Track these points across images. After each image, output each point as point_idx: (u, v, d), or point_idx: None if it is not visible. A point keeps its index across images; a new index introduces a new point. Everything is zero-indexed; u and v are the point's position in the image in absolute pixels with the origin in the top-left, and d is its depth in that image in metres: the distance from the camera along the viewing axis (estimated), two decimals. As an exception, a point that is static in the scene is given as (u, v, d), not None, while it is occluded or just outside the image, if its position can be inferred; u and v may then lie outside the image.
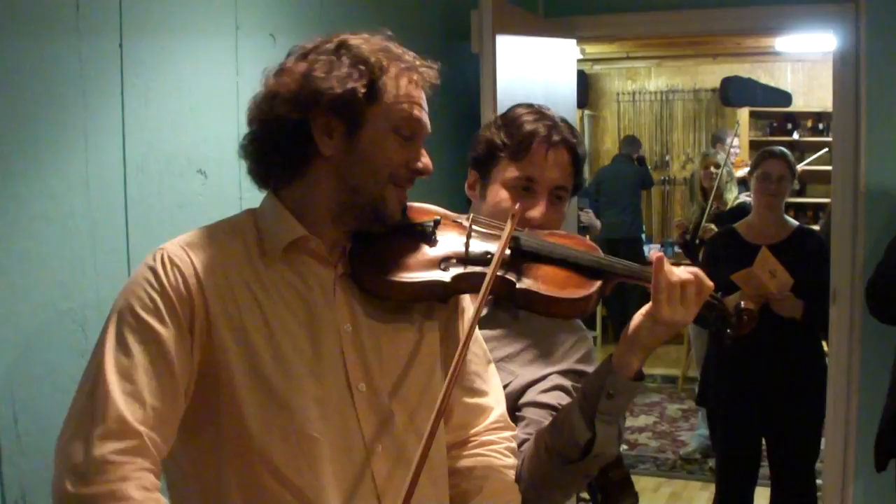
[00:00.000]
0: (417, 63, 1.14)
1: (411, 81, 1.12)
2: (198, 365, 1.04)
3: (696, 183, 4.48)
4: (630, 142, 7.16)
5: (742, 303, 1.25)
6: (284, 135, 1.09)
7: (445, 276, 1.15)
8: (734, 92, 6.86)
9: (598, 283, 1.20)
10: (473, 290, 1.18)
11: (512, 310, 1.44)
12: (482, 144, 1.48)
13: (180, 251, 1.07)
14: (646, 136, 7.97)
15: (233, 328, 1.05)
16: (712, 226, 4.00)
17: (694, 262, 3.85)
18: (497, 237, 1.21)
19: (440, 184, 1.30)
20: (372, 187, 1.11)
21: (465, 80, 3.00)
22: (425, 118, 1.15)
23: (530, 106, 1.50)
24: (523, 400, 1.38)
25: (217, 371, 1.05)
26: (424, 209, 1.25)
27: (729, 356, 2.91)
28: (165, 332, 1.02)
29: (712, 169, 4.37)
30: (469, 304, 1.27)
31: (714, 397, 3.07)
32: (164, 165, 1.70)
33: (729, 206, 4.21)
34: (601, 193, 6.68)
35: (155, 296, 1.03)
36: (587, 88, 7.62)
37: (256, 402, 1.04)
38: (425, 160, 1.15)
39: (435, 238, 1.19)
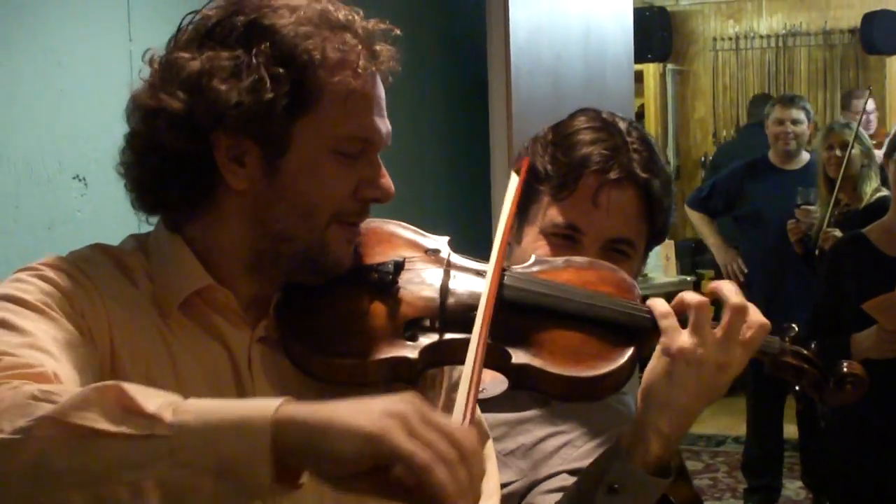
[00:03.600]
0: (367, 30, 1.07)
1: (359, 73, 1.05)
2: None
3: (819, 167, 4.37)
4: (762, 103, 6.45)
5: (846, 364, 1.19)
6: (174, 164, 1.05)
7: (412, 349, 1.10)
8: (882, 33, 6.68)
9: (631, 349, 1.14)
10: (453, 363, 1.14)
11: None
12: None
13: (65, 263, 1.04)
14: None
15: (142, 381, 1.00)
16: (836, 231, 3.92)
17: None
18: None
19: (432, 202, 1.26)
20: (306, 234, 1.07)
21: (471, 29, 2.97)
22: (382, 123, 1.09)
23: (596, 114, 1.44)
24: None
25: None
26: (383, 233, 1.20)
27: (862, 426, 2.79)
28: (64, 322, 0.97)
29: (837, 152, 4.20)
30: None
31: (844, 481, 3.00)
32: (24, 169, 1.66)
33: (865, 203, 4.10)
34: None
35: (45, 287, 0.99)
36: (670, 33, 7.49)
37: None
38: (384, 182, 1.10)
39: (397, 288, 1.14)
